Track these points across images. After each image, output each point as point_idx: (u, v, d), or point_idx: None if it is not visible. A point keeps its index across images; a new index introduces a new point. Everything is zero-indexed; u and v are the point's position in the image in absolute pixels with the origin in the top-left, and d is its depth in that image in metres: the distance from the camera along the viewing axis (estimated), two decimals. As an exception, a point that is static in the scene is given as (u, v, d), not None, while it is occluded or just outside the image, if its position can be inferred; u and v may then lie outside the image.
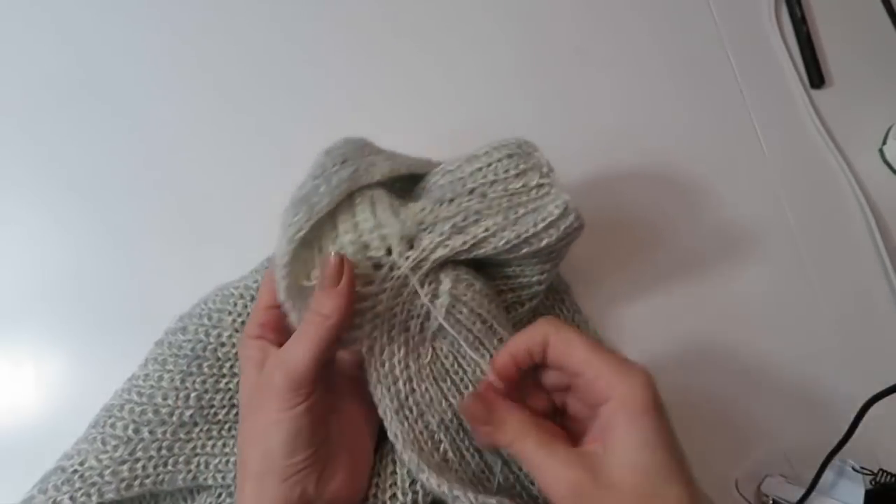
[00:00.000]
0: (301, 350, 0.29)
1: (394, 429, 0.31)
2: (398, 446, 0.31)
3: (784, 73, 0.57)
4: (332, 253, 0.29)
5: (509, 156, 0.33)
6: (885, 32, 0.60)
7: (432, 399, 0.33)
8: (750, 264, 0.53)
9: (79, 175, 0.43)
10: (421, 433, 0.32)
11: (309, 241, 0.30)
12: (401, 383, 0.32)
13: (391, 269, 0.30)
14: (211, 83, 0.46)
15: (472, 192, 0.32)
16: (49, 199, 0.42)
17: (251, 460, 0.29)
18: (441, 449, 0.32)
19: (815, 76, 0.57)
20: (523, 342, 0.30)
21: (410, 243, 0.30)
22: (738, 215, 0.54)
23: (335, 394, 0.31)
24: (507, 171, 0.33)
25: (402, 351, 0.32)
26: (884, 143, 0.57)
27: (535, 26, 0.52)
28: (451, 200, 0.32)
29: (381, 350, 0.32)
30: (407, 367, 0.32)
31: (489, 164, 0.33)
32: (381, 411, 0.32)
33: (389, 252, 0.30)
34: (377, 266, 0.30)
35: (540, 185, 0.33)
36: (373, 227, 0.30)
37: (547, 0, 0.52)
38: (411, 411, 0.32)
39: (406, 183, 0.35)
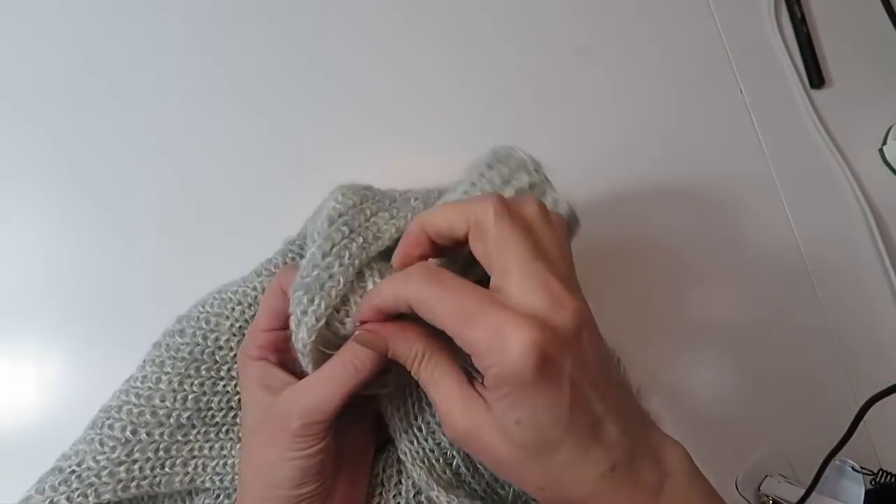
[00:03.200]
0: (324, 393, 0.28)
1: (403, 447, 0.31)
2: (407, 464, 0.31)
3: (784, 73, 0.57)
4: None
5: (489, 167, 0.31)
6: (885, 32, 0.60)
7: None
8: (750, 264, 0.53)
9: (84, 170, 0.42)
10: (431, 451, 0.32)
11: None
12: (409, 403, 0.32)
13: None
14: (223, 80, 0.45)
15: None
16: (53, 195, 0.42)
17: (256, 486, 0.29)
18: (454, 465, 0.32)
19: (815, 76, 0.57)
20: (383, 302, 0.27)
21: None
22: (737, 215, 0.53)
23: (341, 416, 0.30)
24: (492, 182, 0.31)
25: None
26: (884, 143, 0.57)
27: (535, 27, 0.52)
28: None
29: (396, 375, 0.32)
30: (417, 386, 0.32)
31: (473, 184, 0.31)
32: (390, 430, 0.32)
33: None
34: None
35: (532, 185, 0.31)
36: None
37: (547, 1, 0.52)
38: (420, 430, 0.32)
39: None
